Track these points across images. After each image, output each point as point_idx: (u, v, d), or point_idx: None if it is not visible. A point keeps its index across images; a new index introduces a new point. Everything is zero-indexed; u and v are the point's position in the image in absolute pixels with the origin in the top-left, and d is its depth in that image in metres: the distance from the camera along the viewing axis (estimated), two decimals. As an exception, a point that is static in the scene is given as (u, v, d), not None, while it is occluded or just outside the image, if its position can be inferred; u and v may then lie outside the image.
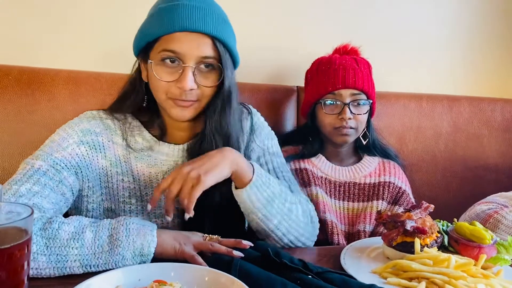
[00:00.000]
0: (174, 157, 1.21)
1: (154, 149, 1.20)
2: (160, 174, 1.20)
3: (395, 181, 1.61)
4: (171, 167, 1.20)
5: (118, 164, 1.17)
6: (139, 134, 1.20)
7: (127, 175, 1.17)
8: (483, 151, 1.96)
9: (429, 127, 1.95)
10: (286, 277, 0.91)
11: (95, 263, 0.91)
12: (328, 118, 1.55)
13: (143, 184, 1.19)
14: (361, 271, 1.04)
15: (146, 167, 1.19)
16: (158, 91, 1.12)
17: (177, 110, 1.12)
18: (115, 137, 1.18)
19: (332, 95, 1.53)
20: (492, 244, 1.09)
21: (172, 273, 0.86)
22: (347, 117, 1.50)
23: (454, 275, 0.95)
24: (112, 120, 1.19)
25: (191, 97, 1.11)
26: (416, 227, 1.08)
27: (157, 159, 1.20)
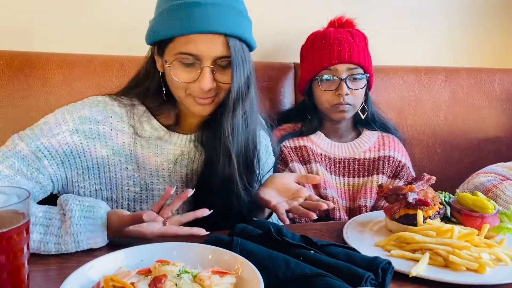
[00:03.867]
0: (181, 146, 1.19)
1: (162, 137, 1.17)
2: (166, 163, 1.18)
3: (395, 155, 1.60)
4: (177, 156, 1.18)
5: (121, 152, 1.14)
6: (147, 121, 1.17)
7: (132, 163, 1.15)
8: (483, 122, 1.95)
9: (428, 100, 1.93)
10: (288, 254, 0.90)
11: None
12: (325, 95, 1.53)
13: (148, 172, 1.16)
14: (364, 244, 1.04)
15: (153, 155, 1.16)
16: (177, 89, 1.10)
17: (198, 107, 1.11)
18: (121, 124, 1.14)
19: (328, 71, 1.50)
20: (495, 213, 1.09)
21: (174, 252, 0.85)
22: (344, 93, 1.48)
23: (458, 245, 0.95)
24: (118, 105, 1.15)
25: (211, 94, 1.09)
26: (418, 199, 1.07)
27: (164, 148, 1.17)
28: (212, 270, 0.79)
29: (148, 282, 0.74)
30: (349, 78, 1.49)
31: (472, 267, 0.92)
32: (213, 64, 1.06)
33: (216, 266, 0.81)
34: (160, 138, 1.17)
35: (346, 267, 0.86)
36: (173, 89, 1.12)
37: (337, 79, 1.50)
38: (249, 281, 0.77)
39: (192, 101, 1.10)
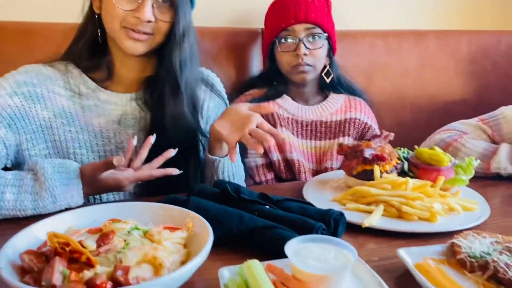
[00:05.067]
0: (122, 105, 1.19)
1: (101, 97, 1.17)
2: (110, 124, 1.17)
3: (361, 117, 1.61)
4: (119, 116, 1.18)
5: (63, 115, 1.14)
6: (83, 83, 1.17)
7: (75, 125, 1.15)
8: (450, 85, 1.96)
9: (397, 64, 1.93)
10: (245, 210, 0.91)
11: None
12: (284, 56, 1.52)
13: (92, 133, 1.16)
14: (322, 200, 1.05)
15: (95, 116, 1.16)
16: (112, 20, 1.09)
17: (130, 42, 1.10)
18: (57, 88, 1.14)
19: (286, 32, 1.50)
20: (450, 166, 1.11)
21: (126, 211, 0.85)
22: (302, 53, 1.47)
23: (411, 196, 0.97)
24: (52, 70, 1.16)
25: (146, 29, 1.09)
26: (375, 154, 1.09)
27: (105, 109, 1.17)
28: (163, 226, 0.79)
29: (96, 239, 0.74)
30: (307, 38, 1.48)
31: (424, 216, 0.95)
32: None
33: (168, 223, 0.81)
34: (98, 98, 1.17)
35: (299, 219, 0.87)
36: (109, 21, 1.10)
37: (295, 40, 1.49)
38: (200, 235, 0.77)
39: (125, 34, 1.09)
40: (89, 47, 1.17)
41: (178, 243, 0.77)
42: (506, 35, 2.02)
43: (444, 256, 0.79)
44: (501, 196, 1.20)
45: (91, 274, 0.63)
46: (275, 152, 1.52)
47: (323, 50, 1.53)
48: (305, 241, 0.73)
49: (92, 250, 0.69)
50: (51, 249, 0.68)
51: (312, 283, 0.66)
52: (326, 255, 0.69)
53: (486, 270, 0.72)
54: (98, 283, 0.61)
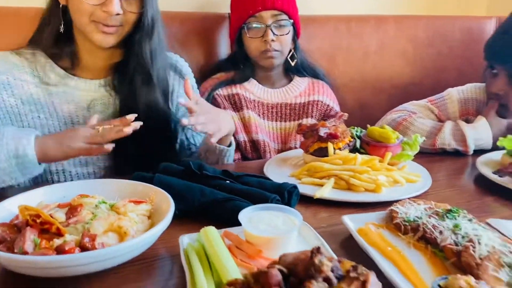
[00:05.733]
0: (91, 92, 1.21)
1: (69, 84, 1.19)
2: (80, 110, 1.20)
3: (323, 99, 1.69)
4: (88, 102, 1.21)
5: (31, 102, 1.16)
6: (50, 70, 1.18)
7: (44, 112, 1.17)
8: (408, 67, 2.06)
9: (358, 47, 2.01)
10: (207, 185, 0.98)
11: None
12: (253, 42, 1.58)
13: (62, 120, 1.19)
14: (281, 176, 1.14)
15: (64, 103, 1.19)
16: (81, 14, 1.10)
17: (100, 35, 1.11)
18: (24, 75, 1.16)
19: (254, 18, 1.55)
20: (398, 143, 1.20)
21: (94, 187, 0.90)
22: (270, 39, 1.54)
23: (359, 170, 1.06)
24: (19, 58, 1.17)
25: (115, 22, 1.11)
26: (329, 133, 1.17)
27: (73, 95, 1.19)
28: (128, 200, 0.86)
29: (65, 212, 0.80)
30: (275, 25, 1.55)
31: (370, 188, 1.04)
32: None
33: (133, 198, 0.88)
34: (67, 84, 1.19)
35: (256, 192, 0.95)
36: (77, 15, 1.11)
37: (263, 26, 1.54)
38: (163, 207, 0.84)
39: (95, 28, 1.10)
40: (54, 36, 1.18)
41: (142, 215, 0.84)
42: (461, 20, 2.13)
43: (384, 221, 0.89)
44: (445, 170, 1.31)
45: (61, 241, 0.70)
46: (241, 133, 1.59)
47: (289, 36, 1.60)
48: (258, 209, 0.82)
49: (61, 222, 0.76)
50: (22, 221, 0.74)
51: (263, 245, 0.74)
52: (275, 221, 0.78)
53: (417, 232, 0.82)
54: (66, 249, 0.67)
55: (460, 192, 1.13)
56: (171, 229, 0.83)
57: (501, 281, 0.64)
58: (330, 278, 0.57)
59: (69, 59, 1.20)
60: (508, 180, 1.09)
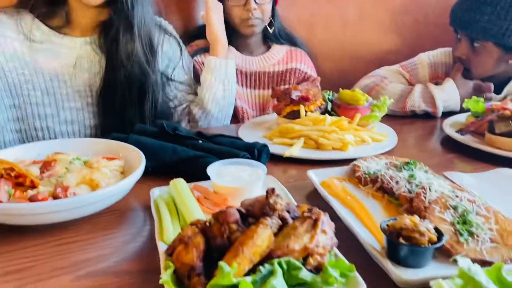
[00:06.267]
0: (76, 49, 1.23)
1: (55, 41, 1.21)
2: (66, 68, 1.22)
3: (301, 67, 1.71)
4: (74, 60, 1.23)
5: (15, 59, 1.18)
6: (36, 28, 1.20)
7: (28, 68, 1.19)
8: (385, 36, 2.09)
9: (337, 16, 2.03)
10: (180, 145, 1.02)
11: None
12: (234, 10, 1.58)
13: (47, 77, 1.21)
14: (254, 137, 1.17)
15: (49, 60, 1.21)
16: None
17: None
18: (8, 32, 1.18)
19: None
20: (367, 105, 1.25)
21: (69, 146, 0.93)
22: (252, 8, 1.55)
23: (327, 130, 1.11)
24: (4, 15, 1.18)
25: None
26: (300, 96, 1.21)
27: (59, 52, 1.21)
28: (102, 156, 0.89)
29: (40, 167, 0.83)
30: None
31: (338, 146, 1.09)
32: None
33: (107, 155, 0.91)
34: (52, 42, 1.21)
35: (227, 150, 0.99)
36: None
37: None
38: (134, 163, 0.87)
39: None
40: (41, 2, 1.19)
41: (115, 170, 0.87)
42: (438, -12, 2.15)
43: (347, 175, 0.94)
44: (414, 132, 1.36)
45: (34, 192, 0.73)
46: None
47: (270, 4, 1.61)
48: (226, 164, 0.86)
49: (36, 176, 0.79)
50: (-3, 174, 0.77)
51: (229, 195, 0.78)
52: (241, 173, 0.82)
53: (376, 183, 0.87)
54: (40, 198, 0.71)
55: (424, 150, 1.18)
56: (143, 185, 0.87)
57: (446, 221, 0.70)
58: (286, 217, 0.62)
59: (60, 18, 1.22)
60: (469, 138, 1.14)
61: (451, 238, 0.66)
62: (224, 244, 0.58)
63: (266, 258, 0.56)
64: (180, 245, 0.59)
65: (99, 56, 1.24)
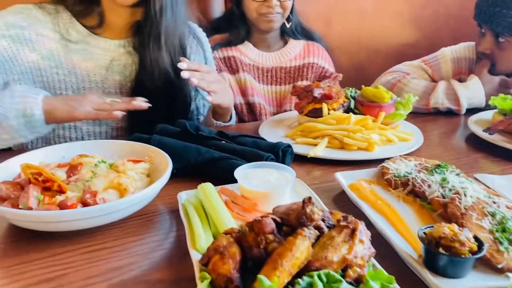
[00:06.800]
0: (110, 51, 1.22)
1: (90, 42, 1.20)
2: (97, 69, 1.21)
3: (318, 62, 1.69)
4: (107, 62, 1.22)
5: (51, 57, 1.17)
6: (72, 26, 1.19)
7: (62, 68, 1.18)
8: (403, 28, 2.05)
9: (354, 9, 2.00)
10: (203, 145, 1.00)
11: None
12: (254, 4, 1.55)
13: (80, 77, 1.20)
14: (276, 136, 1.16)
15: (82, 60, 1.20)
16: None
17: None
18: (45, 31, 1.17)
19: None
20: (391, 102, 1.22)
21: (93, 148, 0.92)
22: (274, 5, 1.52)
23: (352, 129, 1.09)
24: (42, 13, 1.17)
25: None
26: (323, 94, 1.18)
27: (93, 53, 1.21)
28: (127, 159, 0.88)
29: (66, 171, 0.82)
30: None
31: (363, 146, 1.07)
32: None
33: (131, 157, 0.90)
34: (87, 42, 1.20)
35: (251, 151, 0.97)
36: None
37: None
38: (160, 166, 0.87)
39: None
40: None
41: (141, 173, 0.86)
42: (458, -21, 2.10)
43: (375, 177, 0.92)
44: (438, 129, 1.33)
45: (63, 198, 0.72)
46: (237, 96, 1.60)
47: (291, 1, 1.58)
48: (253, 167, 0.84)
49: (62, 180, 0.78)
50: (25, 179, 0.76)
51: (257, 199, 0.77)
52: (269, 177, 0.81)
53: (407, 186, 0.85)
54: (69, 204, 0.70)
55: (451, 150, 1.16)
56: (169, 187, 0.86)
57: (484, 229, 0.68)
58: (321, 226, 0.60)
59: (94, 18, 1.21)
60: (497, 137, 1.11)
61: (490, 247, 0.64)
62: (260, 254, 0.57)
63: (304, 270, 0.55)
64: (216, 255, 0.58)
65: (131, 59, 1.23)
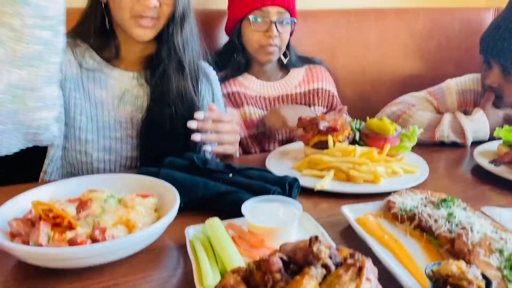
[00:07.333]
0: (124, 83, 1.27)
1: (105, 72, 1.25)
2: (111, 98, 1.25)
3: (323, 86, 1.70)
4: (121, 92, 1.26)
5: (72, 80, 1.22)
6: (89, 56, 1.25)
7: (79, 92, 1.22)
8: (408, 59, 2.08)
9: (358, 40, 2.03)
10: (210, 178, 1.02)
11: None
12: (255, 35, 1.58)
13: (93, 104, 1.24)
14: (282, 168, 1.17)
15: (98, 88, 1.24)
16: (121, 10, 1.16)
17: (140, 30, 1.18)
18: (69, 55, 1.21)
19: (260, 12, 1.56)
20: (396, 134, 1.23)
21: (102, 183, 0.94)
22: (273, 35, 1.55)
23: (358, 162, 1.09)
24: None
25: (153, 14, 1.17)
26: (328, 126, 1.20)
27: (108, 82, 1.25)
28: (136, 194, 0.89)
29: (76, 206, 0.83)
30: (279, 22, 1.56)
31: (369, 179, 1.07)
32: None
33: (140, 192, 0.91)
34: (102, 71, 1.25)
35: (258, 185, 0.98)
36: (118, 11, 1.17)
37: (267, 20, 1.56)
38: (168, 200, 0.88)
39: (134, 23, 1.17)
40: (96, 29, 1.23)
41: (149, 208, 0.87)
42: (460, 11, 2.14)
43: (382, 211, 0.92)
44: (443, 160, 1.34)
45: (73, 234, 0.73)
46: (242, 130, 1.61)
47: (288, 34, 1.62)
48: (260, 201, 0.85)
49: (72, 216, 0.79)
50: (36, 216, 0.77)
51: (264, 235, 0.77)
52: (276, 212, 0.81)
53: (413, 220, 0.85)
54: (79, 241, 0.71)
55: (457, 182, 1.16)
56: (176, 221, 0.87)
57: (492, 266, 0.67)
58: (328, 265, 0.61)
59: (110, 50, 1.26)
60: (504, 169, 1.12)
61: (499, 285, 0.64)
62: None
63: (311, 309, 0.55)
64: (223, 294, 0.58)
65: (144, 91, 1.27)
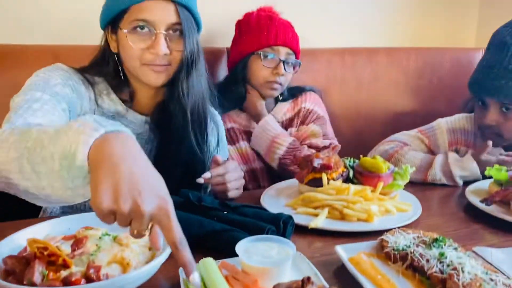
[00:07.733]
0: (137, 126, 1.27)
1: (120, 112, 1.25)
2: None
3: (305, 105, 1.75)
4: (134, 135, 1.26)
5: (91, 114, 1.22)
6: (107, 95, 1.25)
7: None
8: (400, 97, 2.14)
9: (352, 78, 2.09)
10: (205, 216, 1.03)
11: None
12: (264, 71, 1.63)
13: None
14: (277, 206, 1.18)
15: None
16: (132, 59, 1.17)
17: (152, 76, 1.18)
18: (87, 92, 1.22)
19: (271, 49, 1.62)
20: (389, 173, 1.25)
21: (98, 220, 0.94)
22: (281, 72, 1.61)
23: (352, 200, 1.11)
24: (82, 77, 1.22)
25: (164, 62, 1.17)
26: (322, 164, 1.22)
27: (121, 123, 1.24)
28: (130, 231, 0.90)
29: (71, 244, 0.84)
30: (287, 61, 1.62)
31: (363, 217, 1.08)
32: (166, 30, 1.15)
33: (135, 229, 0.92)
34: (118, 112, 1.25)
35: (252, 222, 0.99)
36: (129, 60, 1.18)
37: (277, 58, 1.61)
38: (163, 238, 0.88)
39: (147, 69, 1.17)
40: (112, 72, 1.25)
41: (144, 246, 0.88)
42: (450, 51, 2.22)
43: (375, 250, 0.93)
44: (435, 198, 1.36)
45: (67, 273, 0.74)
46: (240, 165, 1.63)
47: (291, 75, 1.68)
48: (253, 240, 0.86)
49: (67, 254, 0.80)
50: (31, 253, 0.78)
51: (258, 275, 0.78)
52: (270, 251, 0.82)
53: (406, 260, 0.86)
54: (73, 280, 0.71)
55: (449, 220, 1.17)
56: (170, 260, 0.86)
57: (482, 308, 0.68)
58: (321, 306, 0.62)
59: (126, 93, 1.27)
60: (495, 208, 1.13)
61: (490, 327, 0.64)
62: (260, 336, 0.58)
63: None
64: (216, 336, 0.58)
65: (153, 135, 1.29)
